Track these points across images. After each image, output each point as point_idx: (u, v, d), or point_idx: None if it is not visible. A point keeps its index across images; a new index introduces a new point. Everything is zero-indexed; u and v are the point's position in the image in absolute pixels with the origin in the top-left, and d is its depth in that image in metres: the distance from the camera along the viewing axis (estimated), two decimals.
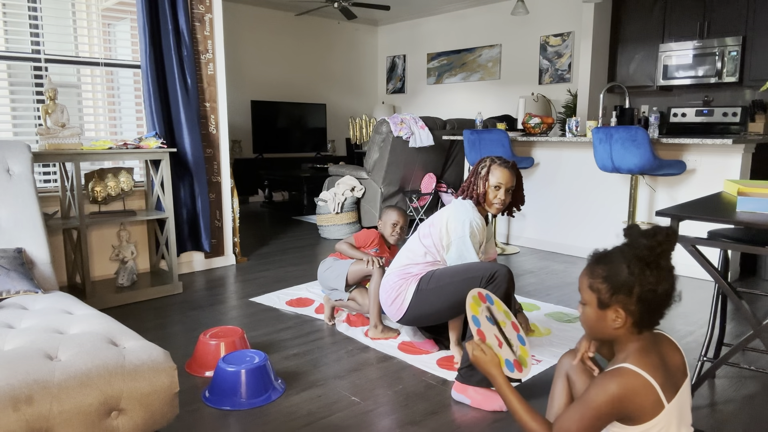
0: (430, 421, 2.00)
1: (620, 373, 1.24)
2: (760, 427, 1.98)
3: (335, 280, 2.86)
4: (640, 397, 1.21)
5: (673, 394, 1.26)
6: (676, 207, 1.97)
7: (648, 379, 1.22)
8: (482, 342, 1.55)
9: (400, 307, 2.35)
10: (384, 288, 2.43)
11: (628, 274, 1.25)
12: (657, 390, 1.22)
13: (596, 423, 1.24)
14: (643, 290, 1.25)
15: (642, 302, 1.26)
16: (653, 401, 1.22)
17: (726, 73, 5.42)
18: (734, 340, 2.72)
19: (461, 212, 2.33)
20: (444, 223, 2.35)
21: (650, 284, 1.24)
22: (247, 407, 2.08)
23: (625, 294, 1.26)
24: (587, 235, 4.49)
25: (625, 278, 1.25)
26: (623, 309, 1.27)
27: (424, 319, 2.36)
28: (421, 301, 2.29)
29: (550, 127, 4.78)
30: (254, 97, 7.99)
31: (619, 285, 1.26)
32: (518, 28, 7.41)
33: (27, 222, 2.32)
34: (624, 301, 1.27)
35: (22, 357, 1.49)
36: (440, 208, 6.06)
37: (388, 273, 2.45)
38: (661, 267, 1.25)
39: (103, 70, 3.72)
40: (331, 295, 2.94)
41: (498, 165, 2.35)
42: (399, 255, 2.45)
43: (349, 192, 5.34)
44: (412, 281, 2.33)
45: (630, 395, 1.21)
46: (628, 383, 1.22)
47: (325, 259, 3.00)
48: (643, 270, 1.24)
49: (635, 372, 1.23)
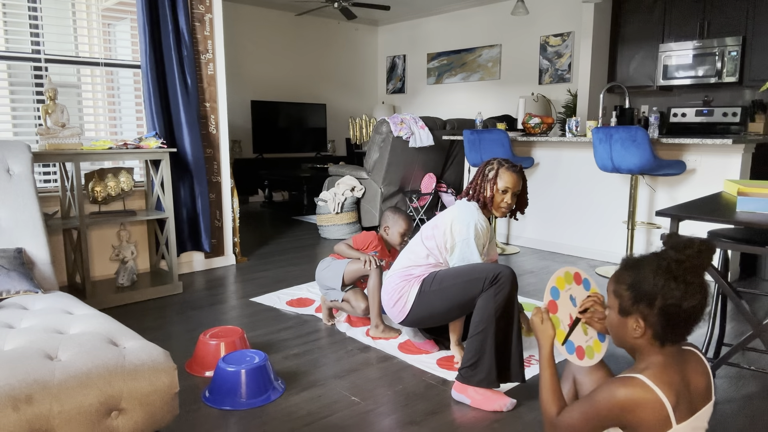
0: (430, 421, 2.00)
1: (632, 382, 1.21)
2: (760, 427, 1.98)
3: (332, 279, 2.85)
4: (646, 412, 1.18)
5: (687, 417, 1.22)
6: (676, 207, 1.97)
7: (659, 395, 1.19)
8: (548, 312, 1.50)
9: (402, 309, 2.34)
10: (386, 290, 2.42)
11: (653, 285, 1.21)
12: (667, 408, 1.18)
13: (596, 423, 1.23)
14: (665, 303, 1.21)
15: (664, 315, 1.22)
16: (660, 418, 1.19)
17: (726, 73, 5.42)
18: (734, 340, 2.72)
19: (466, 214, 2.32)
20: (448, 224, 2.34)
21: (674, 298, 1.19)
22: (246, 407, 2.08)
23: (647, 304, 1.23)
24: (587, 235, 4.49)
25: (649, 289, 1.22)
26: (643, 319, 1.24)
27: (427, 320, 2.35)
28: (424, 303, 2.29)
29: (550, 127, 4.78)
30: (254, 97, 7.99)
31: (641, 294, 1.23)
32: (518, 28, 7.41)
33: (27, 222, 2.32)
34: (645, 312, 1.24)
35: (22, 357, 1.49)
36: (440, 208, 6.06)
37: (389, 274, 2.44)
38: (689, 282, 1.19)
39: (103, 70, 3.72)
40: (327, 295, 2.93)
41: (506, 169, 2.33)
42: (401, 256, 2.44)
43: (349, 192, 5.34)
44: (415, 283, 2.32)
45: (634, 407, 1.19)
46: (636, 394, 1.19)
47: (324, 259, 2.99)
48: (668, 282, 1.20)
49: (647, 386, 1.20)
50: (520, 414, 2.05)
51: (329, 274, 2.87)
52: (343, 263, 2.84)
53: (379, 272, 2.71)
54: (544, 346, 1.45)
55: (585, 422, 1.25)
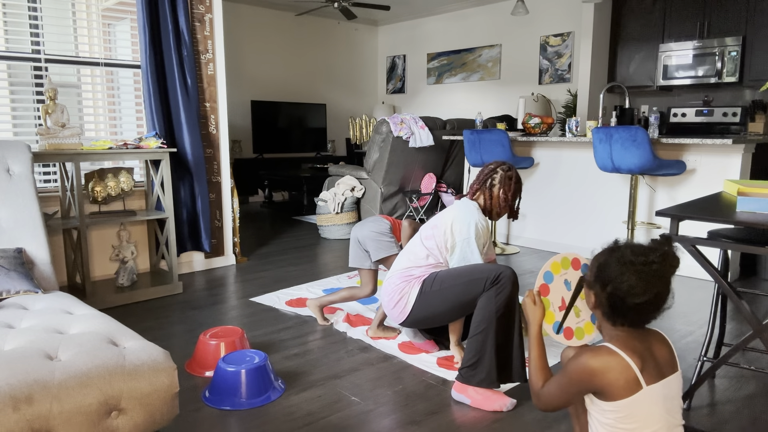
0: (430, 421, 2.00)
1: (598, 350, 1.32)
2: (760, 427, 1.98)
3: (378, 249, 2.67)
4: (614, 374, 1.27)
5: (656, 380, 1.31)
6: (676, 207, 1.97)
7: (624, 357, 1.28)
8: (539, 295, 1.57)
9: (402, 310, 2.34)
10: (386, 291, 2.40)
11: (611, 271, 1.33)
12: (634, 369, 1.28)
13: (571, 389, 1.35)
14: (613, 291, 1.32)
15: (609, 301, 1.33)
16: (628, 379, 1.27)
17: (726, 73, 5.42)
18: (734, 340, 2.72)
19: (466, 214, 2.32)
20: (448, 224, 2.33)
21: (620, 291, 1.30)
22: (247, 407, 2.08)
23: (601, 286, 1.35)
24: (587, 235, 4.49)
25: (607, 273, 1.34)
26: (596, 297, 1.38)
27: (428, 321, 2.35)
28: (424, 304, 2.28)
29: (550, 127, 4.78)
30: (254, 97, 7.99)
31: (600, 276, 1.36)
32: (518, 28, 7.41)
33: (27, 222, 2.32)
34: (598, 292, 1.37)
35: (22, 357, 1.49)
36: (440, 208, 6.06)
37: (389, 276, 2.43)
38: (642, 280, 1.28)
39: (103, 70, 3.72)
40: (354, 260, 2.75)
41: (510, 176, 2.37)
42: (400, 257, 2.43)
43: (349, 192, 5.34)
44: (415, 284, 2.31)
45: (603, 371, 1.28)
46: (603, 359, 1.29)
47: (382, 221, 2.74)
48: (622, 275, 1.30)
49: (613, 350, 1.30)
50: (521, 414, 2.05)
51: (381, 245, 2.68)
52: (394, 246, 2.70)
53: None
54: (533, 324, 1.56)
55: (562, 391, 1.37)
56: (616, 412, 1.29)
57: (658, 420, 1.30)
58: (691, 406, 2.11)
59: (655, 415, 1.29)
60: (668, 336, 1.42)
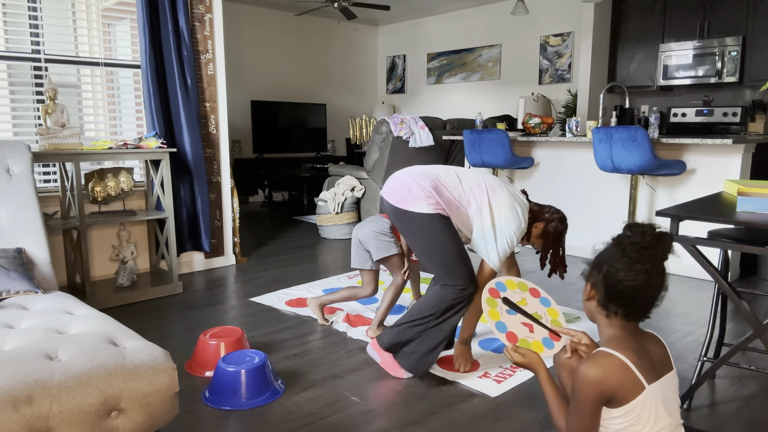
0: (430, 421, 2.01)
1: (595, 356, 1.31)
2: (760, 427, 1.98)
3: (379, 248, 2.64)
4: (617, 376, 1.27)
5: (654, 378, 1.31)
6: (676, 207, 1.97)
7: (621, 358, 1.28)
8: (515, 344, 1.55)
9: (401, 200, 2.22)
10: (398, 180, 2.26)
11: (606, 254, 1.35)
12: (633, 369, 1.28)
13: (588, 410, 1.31)
14: (608, 271, 1.32)
15: (604, 283, 1.34)
16: (631, 380, 1.27)
17: (726, 73, 5.42)
18: (734, 340, 2.72)
19: (519, 218, 2.29)
20: (498, 204, 2.22)
21: (615, 269, 1.31)
22: (247, 407, 2.08)
23: (597, 270, 1.37)
24: (587, 235, 4.49)
25: (602, 257, 1.36)
26: (592, 285, 1.38)
27: (407, 236, 2.27)
28: (416, 228, 2.20)
29: (550, 127, 4.78)
30: (254, 97, 7.99)
31: (596, 261, 1.38)
32: (518, 28, 7.41)
33: (27, 222, 2.32)
34: (594, 277, 1.37)
35: (22, 357, 1.49)
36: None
37: (403, 172, 2.29)
38: (636, 260, 1.29)
39: (103, 70, 3.72)
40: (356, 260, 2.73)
41: (561, 231, 2.62)
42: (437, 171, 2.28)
43: (349, 192, 5.34)
44: (425, 203, 2.17)
45: (605, 376, 1.28)
46: (603, 363, 1.29)
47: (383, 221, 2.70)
48: (617, 255, 1.32)
49: (608, 353, 1.30)
50: (521, 414, 2.06)
51: (382, 245, 2.65)
52: (394, 245, 2.68)
53: (402, 285, 2.70)
54: (540, 370, 1.51)
55: (582, 417, 1.32)
56: (625, 416, 1.28)
57: (663, 420, 1.30)
58: (692, 406, 2.11)
59: (660, 415, 1.29)
60: (668, 336, 1.43)
